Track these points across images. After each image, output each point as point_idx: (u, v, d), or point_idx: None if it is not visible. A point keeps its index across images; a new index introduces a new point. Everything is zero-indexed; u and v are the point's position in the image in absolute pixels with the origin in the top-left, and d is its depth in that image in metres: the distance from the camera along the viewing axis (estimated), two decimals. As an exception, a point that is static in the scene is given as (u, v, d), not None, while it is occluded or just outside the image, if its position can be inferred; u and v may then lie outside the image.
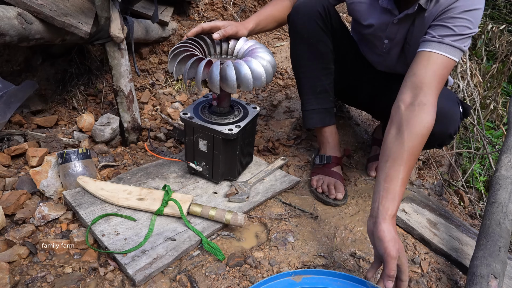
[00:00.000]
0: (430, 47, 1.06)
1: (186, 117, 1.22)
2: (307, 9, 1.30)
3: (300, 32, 1.33)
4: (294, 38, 1.36)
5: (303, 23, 1.31)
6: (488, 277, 0.93)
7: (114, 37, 1.38)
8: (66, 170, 1.23)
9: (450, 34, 1.05)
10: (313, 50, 1.34)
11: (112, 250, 1.01)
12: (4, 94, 1.38)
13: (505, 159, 1.30)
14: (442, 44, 1.05)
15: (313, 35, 1.32)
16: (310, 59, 1.36)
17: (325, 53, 1.35)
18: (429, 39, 1.07)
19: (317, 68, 1.37)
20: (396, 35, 1.27)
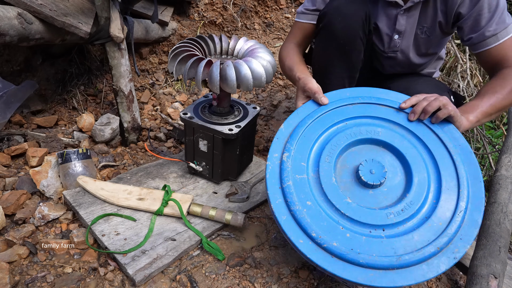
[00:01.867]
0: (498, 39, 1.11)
1: (186, 117, 1.22)
2: (350, 13, 1.19)
3: (336, 36, 1.21)
4: (326, 41, 1.24)
5: (343, 27, 1.19)
6: (488, 277, 0.93)
7: (114, 37, 1.38)
8: (66, 170, 1.23)
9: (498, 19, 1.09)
10: (345, 57, 1.25)
11: (112, 250, 1.01)
12: (4, 94, 1.38)
13: (505, 159, 1.30)
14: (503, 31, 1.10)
15: (351, 42, 1.21)
16: (339, 67, 1.27)
17: (356, 62, 1.27)
18: (487, 36, 1.11)
19: (345, 77, 1.29)
20: (406, 27, 1.23)
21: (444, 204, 0.87)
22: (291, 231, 0.85)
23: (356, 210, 0.87)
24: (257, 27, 2.46)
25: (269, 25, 2.49)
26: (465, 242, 0.83)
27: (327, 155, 0.95)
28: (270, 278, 1.01)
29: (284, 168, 0.92)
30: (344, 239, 0.83)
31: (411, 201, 0.88)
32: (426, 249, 0.81)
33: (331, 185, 0.91)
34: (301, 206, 0.87)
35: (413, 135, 0.97)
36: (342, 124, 1.01)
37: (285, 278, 1.02)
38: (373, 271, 0.80)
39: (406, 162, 0.93)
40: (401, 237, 0.84)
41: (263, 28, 2.48)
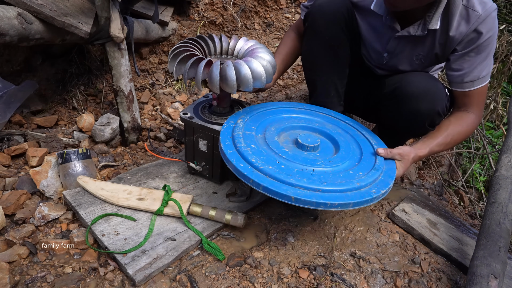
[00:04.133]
0: (473, 86, 1.19)
1: (186, 117, 1.22)
2: (332, 9, 1.24)
3: (321, 33, 1.27)
4: (313, 38, 1.30)
5: (326, 24, 1.25)
6: (488, 277, 0.93)
7: (114, 37, 1.37)
8: (66, 170, 1.23)
9: (484, 67, 1.16)
10: (332, 53, 1.29)
11: (112, 250, 1.01)
12: (4, 94, 1.38)
13: (505, 159, 1.30)
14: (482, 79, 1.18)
15: (335, 38, 1.26)
16: (328, 63, 1.31)
17: (343, 57, 1.31)
18: (465, 80, 1.18)
19: (334, 72, 1.33)
20: (396, 49, 1.26)
21: (364, 165, 1.08)
22: (234, 159, 1.00)
23: (291, 156, 1.05)
24: (257, 27, 2.46)
25: (269, 25, 2.49)
26: (381, 187, 1.00)
27: (273, 127, 1.18)
28: (270, 278, 1.01)
29: (237, 126, 1.12)
30: (278, 167, 0.98)
31: (337, 158, 1.09)
32: (349, 183, 0.98)
33: (274, 141, 1.10)
34: (245, 146, 1.04)
35: (345, 132, 1.24)
36: (288, 115, 1.27)
37: (285, 278, 1.02)
38: (302, 190, 0.93)
39: (335, 142, 1.17)
40: (328, 174, 1.01)
41: (263, 28, 2.48)
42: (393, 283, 1.06)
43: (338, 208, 0.93)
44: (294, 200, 0.91)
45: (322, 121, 1.27)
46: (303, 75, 2.28)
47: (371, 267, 1.10)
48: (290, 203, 0.92)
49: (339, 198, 0.93)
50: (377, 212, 1.32)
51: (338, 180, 0.99)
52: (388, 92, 1.29)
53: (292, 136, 1.17)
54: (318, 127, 1.23)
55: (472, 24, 1.09)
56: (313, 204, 0.91)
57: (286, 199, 0.91)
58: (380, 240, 1.20)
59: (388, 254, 1.15)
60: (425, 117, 1.20)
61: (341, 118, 1.31)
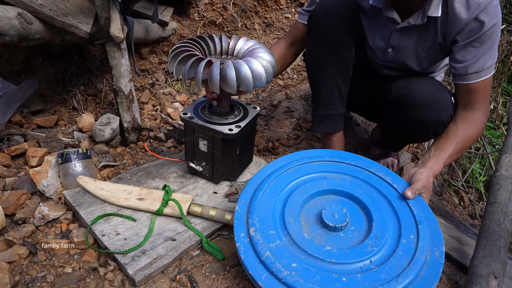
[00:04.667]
0: (476, 78, 1.14)
1: (186, 117, 1.22)
2: (337, 11, 1.23)
3: (325, 35, 1.25)
4: (317, 40, 1.29)
5: (330, 26, 1.23)
6: (488, 277, 0.93)
7: (114, 37, 1.38)
8: (66, 170, 1.23)
9: (487, 58, 1.11)
10: (336, 54, 1.27)
11: (112, 250, 1.01)
12: (4, 94, 1.38)
13: (505, 159, 1.30)
14: (485, 70, 1.14)
15: (340, 39, 1.25)
16: (331, 64, 1.29)
17: (347, 59, 1.29)
18: (469, 72, 1.13)
19: (337, 74, 1.31)
20: (400, 43, 1.25)
21: (405, 221, 0.96)
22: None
23: (339, 255, 0.88)
24: (257, 27, 2.46)
25: (269, 25, 2.49)
26: (439, 244, 0.91)
27: (289, 216, 0.99)
28: (270, 278, 1.01)
29: (256, 242, 0.91)
30: (342, 284, 0.82)
31: (379, 228, 0.94)
32: (415, 262, 0.85)
33: (306, 241, 0.92)
34: (288, 271, 0.85)
35: (364, 182, 1.09)
36: (291, 185, 1.08)
37: (285, 278, 1.02)
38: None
39: (358, 201, 1.03)
40: (389, 260, 0.87)
41: (263, 28, 2.48)
42: (393, 283, 1.06)
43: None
44: None
45: (325, 174, 1.11)
46: (303, 75, 2.28)
47: (371, 267, 1.10)
48: None
49: (427, 284, 0.83)
50: (377, 212, 1.32)
51: (405, 264, 0.85)
52: (394, 98, 1.28)
53: (312, 215, 1.01)
54: (328, 187, 1.07)
55: (472, 12, 1.07)
56: None
57: None
58: (380, 240, 1.20)
59: (388, 254, 1.15)
60: (429, 127, 1.20)
61: (338, 159, 1.16)
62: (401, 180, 1.08)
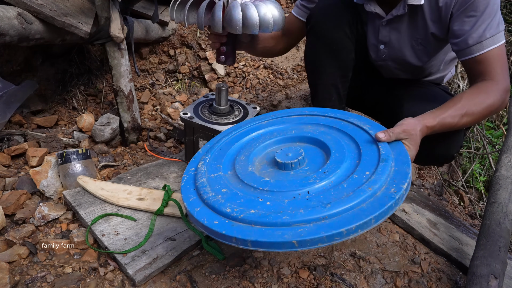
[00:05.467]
0: (479, 50, 1.03)
1: (186, 117, 1.22)
2: (335, 13, 1.20)
3: (323, 37, 1.23)
4: (315, 42, 1.27)
5: (328, 28, 1.21)
6: (488, 277, 0.93)
7: (114, 37, 1.37)
8: (66, 171, 1.23)
9: (487, 27, 1.01)
10: (335, 57, 1.25)
11: (112, 250, 1.01)
12: (4, 94, 1.37)
13: (505, 159, 1.30)
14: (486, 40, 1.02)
15: (338, 42, 1.23)
16: (330, 66, 1.27)
17: (346, 60, 1.27)
18: (470, 43, 1.03)
19: (336, 76, 1.29)
20: (390, 37, 1.22)
21: (367, 160, 0.85)
22: (205, 217, 0.78)
23: (275, 184, 0.82)
24: (257, 27, 2.45)
25: (269, 25, 2.49)
26: (400, 182, 0.78)
27: (243, 155, 0.95)
28: (270, 278, 1.01)
29: (199, 172, 0.91)
30: (264, 207, 0.76)
31: (331, 164, 0.85)
32: (359, 192, 0.75)
33: (248, 173, 0.88)
34: (214, 194, 0.83)
35: (329, 127, 1.00)
36: (255, 133, 1.04)
37: (285, 278, 1.02)
38: (303, 226, 0.70)
39: (322, 144, 0.94)
40: (328, 191, 0.78)
41: (263, 28, 2.47)
42: (393, 283, 1.06)
43: (359, 232, 0.70)
44: (297, 244, 0.68)
45: (297, 126, 1.04)
46: (303, 75, 2.28)
47: (371, 267, 1.10)
48: (294, 250, 0.70)
49: (355, 219, 0.70)
50: (377, 212, 1.32)
51: (344, 194, 0.76)
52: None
53: (269, 158, 0.95)
54: (296, 134, 1.00)
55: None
56: (324, 240, 0.68)
57: (288, 246, 0.69)
58: (380, 240, 1.20)
59: (388, 254, 1.15)
60: (438, 159, 1.18)
61: (317, 113, 1.08)
62: (380, 127, 0.97)
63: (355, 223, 0.69)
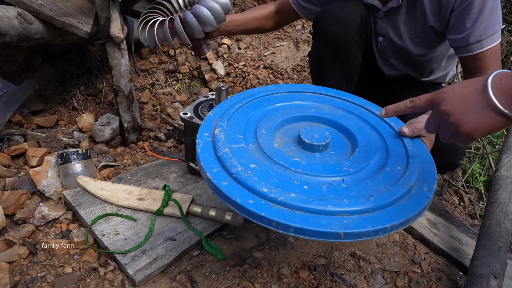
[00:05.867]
0: (477, 49, 1.05)
1: (186, 117, 1.22)
2: (344, 17, 1.18)
3: (330, 41, 1.21)
4: (322, 45, 1.25)
5: (336, 32, 1.19)
6: (488, 277, 0.93)
7: (114, 37, 1.37)
8: (66, 171, 1.23)
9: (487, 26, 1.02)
10: (341, 62, 1.24)
11: (112, 250, 1.01)
12: (4, 94, 1.37)
13: (505, 159, 1.30)
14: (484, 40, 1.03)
15: (345, 47, 1.21)
16: (335, 71, 1.26)
17: (352, 65, 1.26)
18: (471, 41, 1.04)
19: (341, 80, 1.28)
20: (387, 30, 1.21)
21: (395, 154, 0.85)
22: (237, 194, 0.71)
23: (307, 167, 0.79)
24: (257, 27, 2.46)
25: (269, 25, 2.49)
26: (430, 181, 0.78)
27: (263, 128, 0.89)
28: (270, 278, 1.02)
29: (218, 140, 0.82)
30: (303, 191, 0.72)
31: (362, 154, 0.84)
32: (397, 187, 0.74)
33: (275, 150, 0.83)
34: (244, 168, 0.76)
35: (349, 113, 0.99)
36: (275, 105, 0.99)
37: (285, 278, 1.02)
38: (348, 217, 0.68)
39: (346, 130, 0.92)
40: (365, 181, 0.77)
41: (263, 28, 2.47)
42: (393, 283, 1.06)
43: (399, 229, 0.69)
44: (344, 236, 0.66)
45: (316, 104, 1.01)
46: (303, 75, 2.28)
47: (371, 267, 1.10)
48: (338, 241, 0.69)
49: (397, 215, 0.69)
50: (377, 212, 1.32)
51: (383, 188, 0.74)
52: None
53: (290, 135, 0.91)
54: (316, 114, 0.97)
55: None
56: (369, 234, 0.66)
57: (334, 237, 0.66)
58: (380, 240, 1.20)
59: (388, 254, 1.15)
60: (441, 168, 1.16)
61: (333, 94, 1.06)
62: (400, 122, 0.97)
63: (399, 220, 0.68)
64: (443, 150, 1.08)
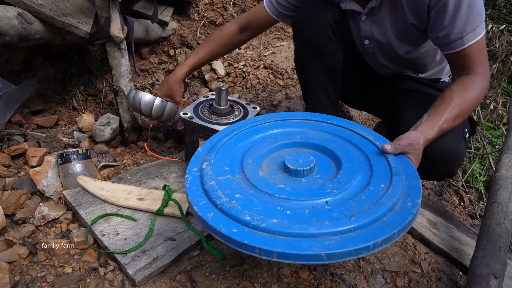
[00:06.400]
0: (459, 45, 1.03)
1: (186, 117, 1.22)
2: (317, 18, 1.21)
3: (308, 42, 1.25)
4: (301, 46, 1.29)
5: (312, 33, 1.23)
6: (488, 277, 0.93)
7: (114, 37, 1.38)
8: (66, 171, 1.23)
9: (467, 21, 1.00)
10: (321, 62, 1.26)
11: (112, 250, 1.01)
12: (4, 94, 1.37)
13: (505, 159, 1.30)
14: (466, 36, 1.02)
15: (322, 46, 1.24)
16: (317, 71, 1.28)
17: (333, 64, 1.28)
18: (452, 39, 1.03)
19: (324, 80, 1.30)
20: (372, 32, 1.20)
21: (378, 172, 0.87)
22: (222, 224, 0.74)
23: (291, 192, 0.81)
24: (257, 27, 2.46)
25: (269, 25, 2.49)
26: (414, 196, 0.79)
27: (250, 158, 0.93)
28: (270, 278, 1.02)
29: (205, 173, 0.87)
30: (285, 216, 0.74)
31: (345, 175, 0.86)
32: (379, 205, 0.76)
33: (260, 178, 0.86)
34: (229, 198, 0.79)
35: (334, 135, 1.02)
36: (262, 135, 1.02)
37: (285, 278, 1.02)
38: (330, 238, 0.69)
39: (331, 153, 0.95)
40: (348, 201, 0.79)
41: (263, 28, 2.47)
42: (393, 283, 1.06)
43: (383, 246, 0.70)
44: (326, 257, 0.67)
45: (302, 130, 1.05)
46: (303, 75, 2.28)
47: (371, 267, 1.10)
48: (321, 263, 0.72)
49: (380, 232, 0.70)
50: (377, 212, 1.32)
51: (365, 207, 0.75)
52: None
53: (276, 162, 0.94)
54: (302, 140, 1.00)
55: None
56: (352, 254, 0.67)
57: (316, 259, 0.67)
58: (380, 240, 1.20)
59: (388, 254, 1.15)
60: (437, 177, 1.21)
61: (319, 119, 1.09)
62: (385, 139, 0.98)
63: (381, 237, 0.69)
64: (441, 161, 1.08)
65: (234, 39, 1.40)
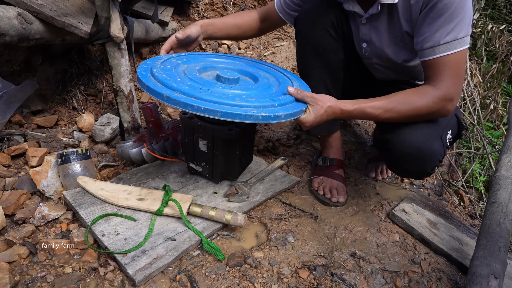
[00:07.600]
0: (438, 52, 1.02)
1: (186, 117, 1.22)
2: (318, 16, 1.24)
3: (309, 40, 1.27)
4: (302, 44, 1.31)
5: (313, 31, 1.25)
6: (488, 277, 0.93)
7: (114, 37, 1.37)
8: (66, 171, 1.23)
9: (452, 29, 0.99)
10: (322, 59, 1.28)
11: (112, 250, 1.01)
12: (4, 94, 1.37)
13: (505, 159, 1.30)
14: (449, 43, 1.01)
15: (323, 44, 1.26)
16: (318, 68, 1.30)
17: (334, 62, 1.29)
18: (424, 47, 1.03)
19: (326, 78, 1.31)
20: (371, 36, 1.21)
21: (283, 88, 1.13)
22: (151, 83, 1.02)
23: (219, 85, 1.08)
24: (257, 27, 2.45)
25: (269, 25, 2.48)
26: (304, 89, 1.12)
27: (191, 69, 1.18)
28: (270, 278, 1.02)
29: (154, 67, 1.11)
30: (206, 93, 1.00)
31: (261, 85, 1.14)
32: (264, 100, 1.02)
33: (197, 77, 1.12)
34: (162, 73, 1.07)
35: (267, 72, 1.29)
36: (212, 59, 1.33)
37: (285, 278, 1.02)
38: (224, 106, 0.95)
39: (255, 78, 1.21)
40: (264, 93, 1.07)
41: (263, 28, 2.47)
42: (393, 283, 1.06)
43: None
44: (220, 115, 0.94)
45: (244, 64, 1.32)
46: (303, 75, 2.28)
47: (371, 267, 1.10)
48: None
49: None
50: (377, 212, 1.32)
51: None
52: (382, 139, 1.21)
53: (211, 76, 1.19)
54: (236, 67, 1.28)
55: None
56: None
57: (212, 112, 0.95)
58: (380, 240, 1.20)
59: (388, 254, 1.15)
60: (411, 175, 1.22)
61: (266, 64, 1.36)
62: (304, 84, 1.23)
63: (266, 113, 0.97)
64: (411, 157, 1.09)
65: (254, 22, 1.42)
